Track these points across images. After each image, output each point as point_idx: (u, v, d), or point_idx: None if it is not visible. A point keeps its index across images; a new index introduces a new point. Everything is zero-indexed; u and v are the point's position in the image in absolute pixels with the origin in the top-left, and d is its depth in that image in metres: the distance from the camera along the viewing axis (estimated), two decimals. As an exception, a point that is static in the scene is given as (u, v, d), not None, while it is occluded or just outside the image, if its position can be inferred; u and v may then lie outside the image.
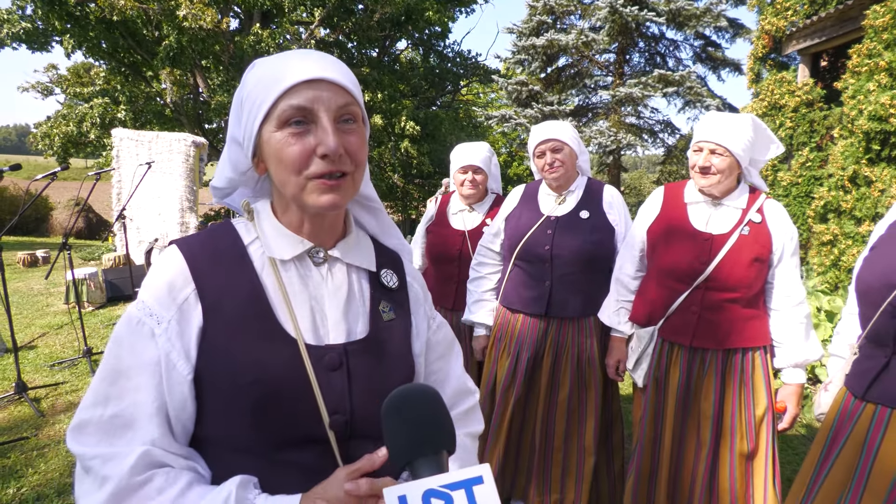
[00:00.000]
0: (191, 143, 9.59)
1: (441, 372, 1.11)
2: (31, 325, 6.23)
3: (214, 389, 0.86)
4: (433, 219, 3.03)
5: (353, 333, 0.94)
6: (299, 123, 0.85)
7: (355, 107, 0.90)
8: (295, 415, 0.86)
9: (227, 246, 0.93)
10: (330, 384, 0.88)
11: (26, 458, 3.33)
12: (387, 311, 1.00)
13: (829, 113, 7.76)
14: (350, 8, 15.53)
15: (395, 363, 0.98)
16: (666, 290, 2.17)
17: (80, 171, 21.70)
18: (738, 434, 2.09)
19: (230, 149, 0.95)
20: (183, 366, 0.84)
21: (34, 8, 13.48)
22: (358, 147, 0.89)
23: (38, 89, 19.55)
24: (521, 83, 15.44)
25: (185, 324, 0.85)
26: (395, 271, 1.06)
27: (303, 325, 0.90)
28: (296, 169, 0.85)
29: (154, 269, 0.90)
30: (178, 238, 0.95)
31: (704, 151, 2.05)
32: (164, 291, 0.86)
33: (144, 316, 0.85)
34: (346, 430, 0.89)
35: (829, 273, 6.76)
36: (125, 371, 0.84)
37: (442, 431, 0.68)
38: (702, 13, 13.93)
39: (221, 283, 0.88)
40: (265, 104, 0.85)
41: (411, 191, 19.30)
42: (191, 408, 0.86)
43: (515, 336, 2.52)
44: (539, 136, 2.46)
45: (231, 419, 0.86)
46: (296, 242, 0.93)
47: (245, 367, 0.84)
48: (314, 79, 0.85)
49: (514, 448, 2.56)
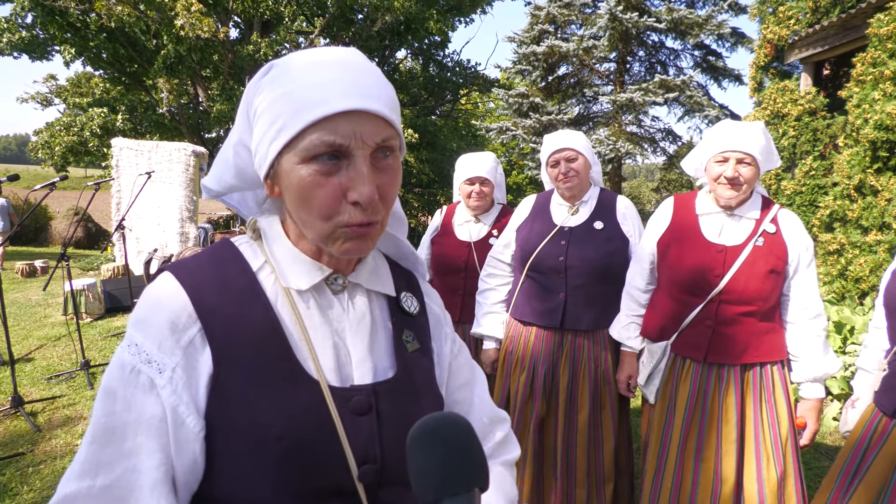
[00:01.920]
0: (191, 152, 9.57)
1: (466, 402, 0.99)
2: (29, 337, 6.16)
3: (230, 445, 0.73)
4: (438, 229, 2.98)
5: (380, 371, 0.83)
6: (329, 160, 0.72)
7: (395, 139, 0.77)
8: (320, 467, 0.75)
9: (235, 274, 0.79)
10: (357, 430, 0.77)
11: (21, 474, 3.25)
12: (410, 340, 0.88)
13: (832, 122, 7.74)
14: (350, 17, 15.58)
15: (425, 400, 0.86)
16: (678, 304, 2.11)
17: (79, 180, 21.69)
18: (763, 457, 2.01)
19: (237, 154, 0.82)
20: (193, 421, 0.71)
21: (34, 17, 13.51)
22: (392, 188, 0.77)
23: (37, 100, 19.59)
24: (521, 95, 15.45)
25: (192, 371, 0.72)
26: (414, 294, 0.94)
27: (325, 365, 0.78)
28: (323, 215, 0.73)
29: (146, 302, 0.75)
30: (172, 264, 0.80)
31: (731, 161, 1.96)
32: (165, 332, 0.72)
33: (140, 363, 0.71)
34: (376, 479, 0.79)
35: (836, 283, 6.70)
36: (120, 431, 0.70)
37: (475, 467, 0.59)
38: (703, 22, 13.95)
39: (231, 319, 0.75)
40: (288, 130, 0.71)
41: (411, 200, 19.29)
42: (200, 469, 0.73)
43: (530, 349, 2.46)
44: (553, 146, 2.41)
45: (249, 477, 0.73)
46: (314, 269, 0.81)
47: (269, 418, 0.72)
48: (354, 110, 0.71)
49: (537, 480, 2.48)
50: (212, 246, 0.86)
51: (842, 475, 1.76)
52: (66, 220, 18.10)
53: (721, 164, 1.99)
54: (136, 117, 15.56)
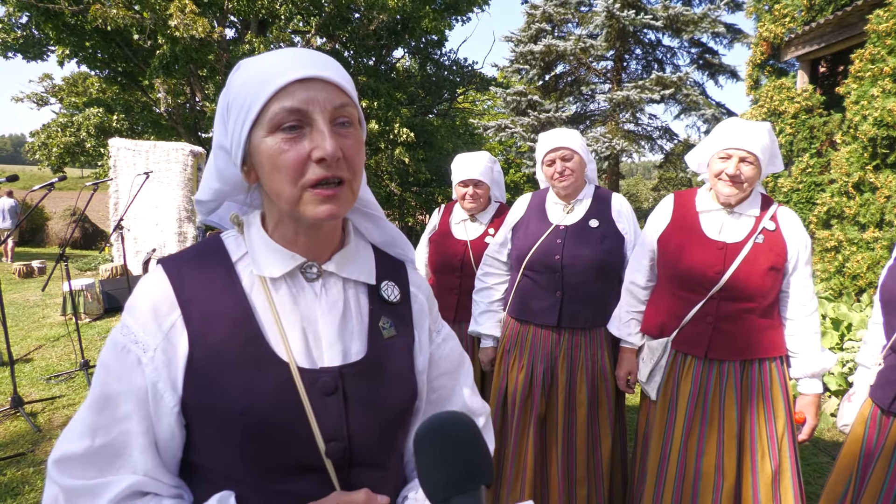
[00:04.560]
0: (188, 152, 9.54)
1: (445, 389, 1.04)
2: (28, 338, 6.15)
3: (204, 420, 0.81)
4: (436, 228, 2.99)
5: (350, 354, 0.88)
6: (293, 128, 0.78)
7: (352, 108, 0.83)
8: (289, 443, 0.81)
9: (214, 264, 0.87)
10: (325, 410, 0.83)
11: (23, 474, 3.26)
12: (387, 327, 0.93)
13: (829, 119, 7.76)
14: (346, 17, 15.54)
15: (396, 384, 0.91)
16: (679, 301, 2.13)
17: (75, 180, 21.63)
18: (758, 452, 2.03)
19: (216, 157, 0.89)
20: (169, 397, 0.80)
21: (30, 17, 13.47)
22: (355, 152, 0.83)
23: (33, 99, 19.53)
24: (519, 93, 15.46)
25: (172, 353, 0.81)
26: (398, 282, 0.99)
27: (295, 348, 0.84)
28: (291, 178, 0.79)
29: (139, 290, 0.85)
30: (165, 256, 0.89)
31: (734, 159, 1.97)
32: (150, 317, 0.82)
33: (130, 343, 0.81)
34: (345, 458, 0.84)
35: (834, 280, 6.73)
36: (114, 399, 0.80)
37: (480, 465, 0.62)
38: (699, 19, 13.98)
39: (208, 306, 0.83)
40: (254, 107, 0.79)
41: (408, 199, 19.26)
42: (179, 438, 0.83)
43: (528, 348, 2.47)
44: (548, 145, 2.42)
45: (222, 449, 0.82)
46: (286, 258, 0.87)
47: (235, 396, 0.79)
48: (307, 77, 0.78)
49: (540, 479, 2.48)
50: (201, 240, 0.94)
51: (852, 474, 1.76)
52: (63, 220, 18.05)
53: (724, 160, 2.00)
54: (133, 117, 15.52)
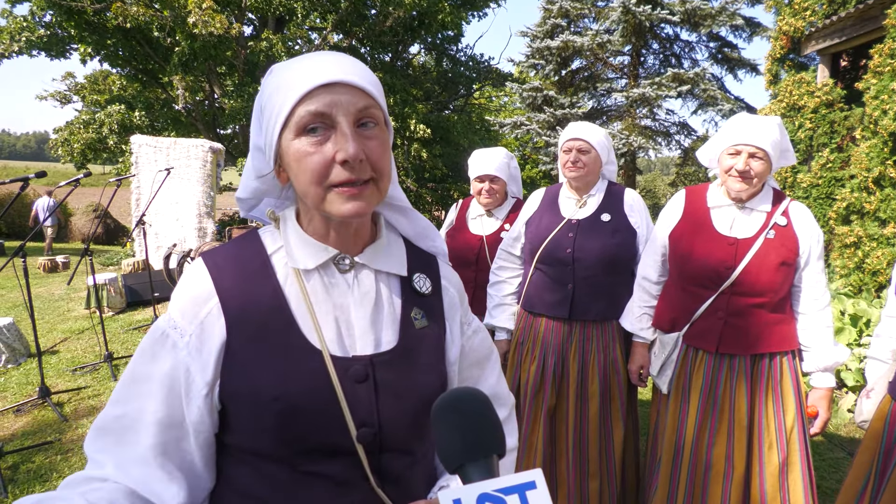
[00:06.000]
0: (208, 148, 9.67)
1: (472, 379, 1.07)
2: (53, 330, 6.31)
3: (239, 403, 0.85)
4: (453, 223, 3.03)
5: (381, 343, 0.91)
6: (317, 130, 0.82)
7: (376, 109, 0.86)
8: (321, 427, 0.85)
9: (251, 257, 0.91)
10: (357, 396, 0.86)
11: (51, 462, 3.36)
12: (419, 318, 0.96)
13: (849, 114, 7.65)
14: (363, 13, 15.59)
15: (426, 373, 0.94)
16: (690, 296, 2.14)
17: (97, 177, 21.95)
18: (766, 443, 2.05)
19: (253, 157, 0.93)
20: (200, 381, 0.84)
21: (52, 16, 13.70)
22: (379, 154, 0.85)
23: (56, 97, 19.85)
24: (535, 89, 15.41)
25: (207, 338, 0.85)
26: (429, 275, 1.02)
27: (327, 336, 0.88)
28: (316, 179, 0.82)
29: (181, 282, 0.91)
30: (206, 251, 0.94)
31: (743, 155, 1.98)
32: (189, 304, 0.87)
33: (169, 328, 0.86)
34: (375, 443, 0.87)
35: (853, 276, 6.65)
36: (140, 377, 0.86)
37: (494, 435, 0.65)
38: (717, 12, 13.82)
39: (244, 295, 0.87)
40: (283, 111, 0.83)
41: (424, 195, 19.31)
42: (208, 421, 0.86)
43: (540, 340, 2.50)
44: (570, 134, 2.47)
45: (257, 432, 0.85)
46: (319, 251, 0.90)
47: (268, 381, 0.83)
48: (332, 82, 0.82)
49: (549, 473, 2.51)
50: (241, 234, 0.98)
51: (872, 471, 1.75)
52: (86, 216, 18.36)
53: (733, 156, 2.00)
54: (153, 114, 15.73)
